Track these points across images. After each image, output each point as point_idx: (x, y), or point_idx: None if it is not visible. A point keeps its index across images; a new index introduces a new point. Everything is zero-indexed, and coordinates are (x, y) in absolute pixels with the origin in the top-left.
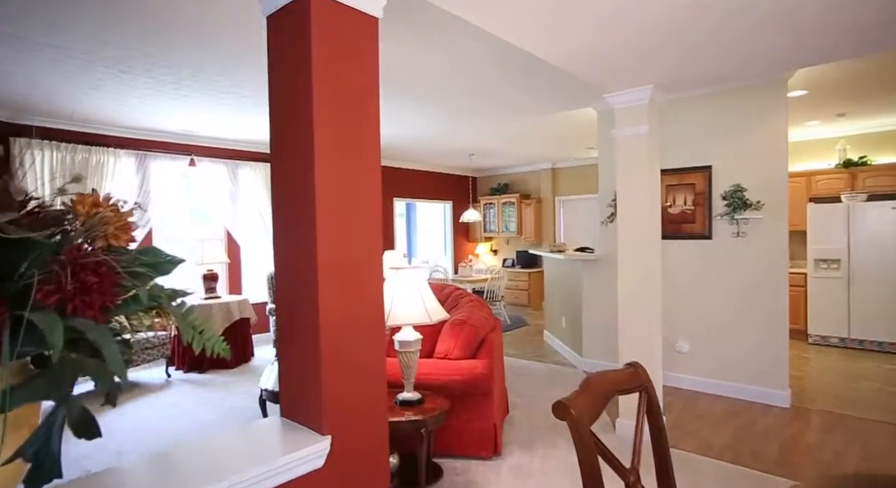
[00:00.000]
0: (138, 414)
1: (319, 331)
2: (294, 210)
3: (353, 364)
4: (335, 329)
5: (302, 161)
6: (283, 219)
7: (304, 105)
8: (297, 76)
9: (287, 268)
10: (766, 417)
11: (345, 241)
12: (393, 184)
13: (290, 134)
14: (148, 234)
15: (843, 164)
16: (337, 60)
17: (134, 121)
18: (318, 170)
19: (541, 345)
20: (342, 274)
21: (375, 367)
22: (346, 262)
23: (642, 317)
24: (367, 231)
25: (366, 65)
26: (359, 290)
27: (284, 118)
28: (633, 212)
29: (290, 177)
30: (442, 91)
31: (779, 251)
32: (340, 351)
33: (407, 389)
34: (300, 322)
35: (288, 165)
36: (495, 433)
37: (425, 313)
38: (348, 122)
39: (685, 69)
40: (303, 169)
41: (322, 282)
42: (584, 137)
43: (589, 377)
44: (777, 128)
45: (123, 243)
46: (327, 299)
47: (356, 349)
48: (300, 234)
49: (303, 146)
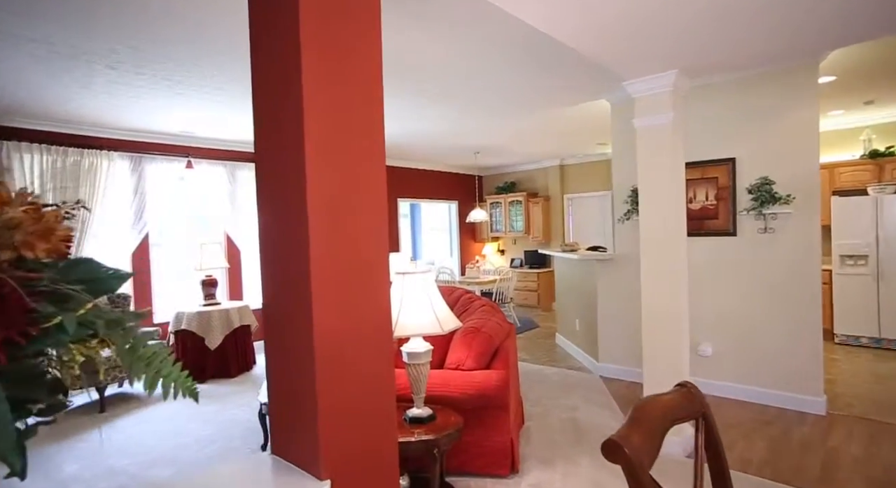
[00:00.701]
0: (131, 429)
1: (315, 352)
2: (282, 209)
3: (356, 391)
4: (333, 348)
5: (290, 154)
6: (270, 219)
7: (292, 87)
8: (284, 50)
9: (274, 277)
10: (802, 426)
11: (344, 243)
12: (397, 184)
13: (275, 122)
14: (144, 240)
15: (868, 155)
16: (331, 32)
17: (128, 121)
18: (310, 164)
19: (553, 349)
20: (341, 282)
21: (383, 394)
22: (347, 268)
23: (667, 321)
24: (369, 231)
25: (366, 37)
26: (362, 301)
27: (269, 104)
28: (657, 208)
29: (277, 172)
30: (448, 86)
31: (811, 247)
32: (340, 376)
33: (417, 404)
34: (291, 341)
35: (274, 160)
36: (512, 449)
37: (436, 322)
38: (345, 106)
39: (714, 49)
40: (292, 162)
41: (316, 292)
42: (595, 132)
43: (637, 406)
44: (807, 117)
45: (44, 254)
46: (323, 313)
47: (359, 373)
48: (289, 237)
49: (291, 136)
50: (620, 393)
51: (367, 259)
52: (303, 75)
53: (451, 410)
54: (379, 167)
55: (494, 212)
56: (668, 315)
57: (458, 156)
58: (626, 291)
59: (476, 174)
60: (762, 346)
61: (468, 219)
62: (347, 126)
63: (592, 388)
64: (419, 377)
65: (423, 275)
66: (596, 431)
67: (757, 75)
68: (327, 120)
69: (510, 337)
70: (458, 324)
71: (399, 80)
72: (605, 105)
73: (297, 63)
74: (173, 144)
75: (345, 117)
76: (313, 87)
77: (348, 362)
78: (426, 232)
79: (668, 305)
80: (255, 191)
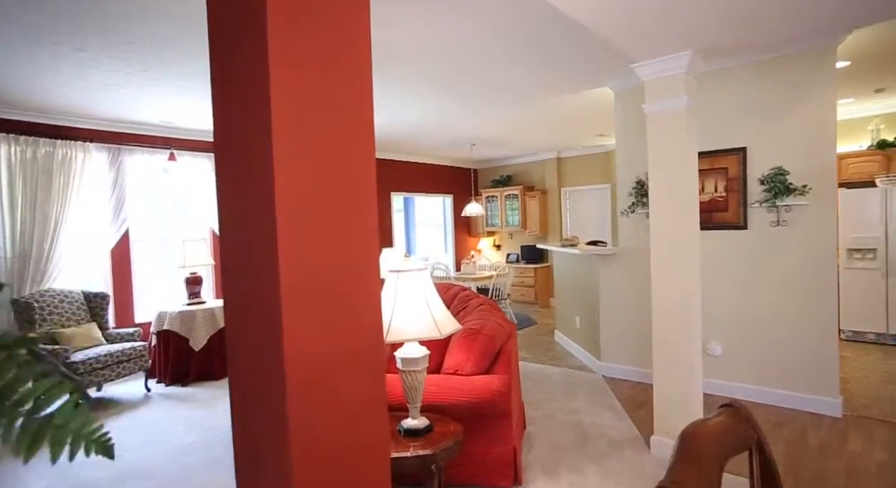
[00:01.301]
0: None
1: (286, 379)
2: (244, 207)
3: (340, 425)
4: (309, 374)
5: (255, 140)
6: (230, 220)
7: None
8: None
9: (236, 289)
10: (819, 430)
11: (323, 247)
12: (390, 177)
13: (237, 102)
14: (125, 236)
15: (876, 145)
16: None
17: (104, 111)
18: (279, 152)
19: (553, 347)
20: (320, 293)
21: (374, 427)
22: (327, 277)
23: (680, 319)
24: (355, 231)
25: (350, 8)
26: (347, 315)
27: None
28: (668, 199)
29: (239, 161)
30: (443, 73)
31: (826, 241)
32: (319, 407)
33: (412, 415)
34: (256, 365)
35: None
36: (515, 458)
37: (433, 325)
38: (324, 85)
39: (731, 24)
40: (257, 151)
41: (288, 305)
42: (594, 123)
43: (685, 436)
44: (824, 103)
45: None
46: (296, 331)
47: (344, 403)
48: (254, 241)
49: (255, 118)
50: (625, 394)
51: (353, 265)
52: (269, 41)
53: (450, 419)
54: (367, 157)
55: (490, 206)
56: (681, 312)
57: (453, 148)
58: (631, 288)
59: (471, 167)
60: (774, 345)
61: (463, 214)
62: (327, 109)
63: (595, 389)
64: (415, 385)
65: (418, 272)
66: (601, 436)
67: (770, 60)
68: (301, 99)
69: (511, 338)
70: (458, 327)
71: (391, 68)
72: (606, 94)
73: (263, 24)
74: (154, 135)
75: (323, 98)
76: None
77: (329, 390)
78: (420, 227)
79: (680, 302)
80: (215, 186)
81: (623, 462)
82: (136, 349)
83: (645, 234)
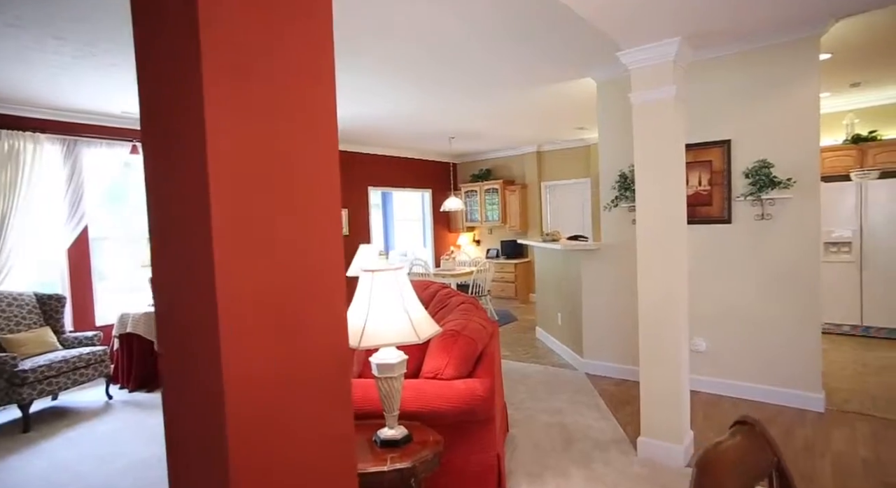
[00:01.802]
0: (60, 454)
1: (226, 411)
2: (174, 204)
3: (297, 462)
4: (256, 402)
5: (185, 122)
6: (160, 215)
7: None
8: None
9: (168, 302)
10: (804, 426)
11: (273, 250)
12: (367, 172)
13: (164, 80)
14: (83, 233)
15: (851, 140)
16: None
17: (56, 99)
18: (212, 140)
19: (534, 344)
20: (269, 305)
21: (340, 460)
22: (278, 285)
23: (667, 315)
24: (314, 231)
25: None
26: (303, 330)
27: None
28: (655, 192)
29: (168, 149)
30: (419, 61)
31: (811, 234)
32: (269, 444)
33: (389, 424)
34: (192, 392)
35: (163, 135)
36: (499, 465)
37: (411, 329)
38: (268, 50)
39: (722, 10)
40: (188, 132)
41: (227, 319)
42: (574, 116)
43: (702, 466)
44: (808, 95)
45: None
46: (239, 351)
47: (301, 437)
48: (186, 242)
49: (185, 96)
50: (609, 392)
51: (312, 270)
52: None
53: (430, 428)
54: (328, 145)
55: (469, 200)
56: (668, 308)
57: (432, 141)
58: (614, 284)
59: (450, 161)
60: (758, 340)
61: (442, 209)
62: (276, 85)
63: (578, 388)
64: (391, 392)
65: (395, 272)
66: (586, 437)
67: (755, 51)
68: (241, 75)
69: (494, 337)
70: (437, 330)
71: (362, 57)
72: (586, 86)
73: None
74: (114, 126)
75: (272, 74)
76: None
77: (281, 421)
78: (399, 222)
79: (667, 298)
80: (144, 180)
81: (609, 464)
82: (96, 354)
83: (628, 229)
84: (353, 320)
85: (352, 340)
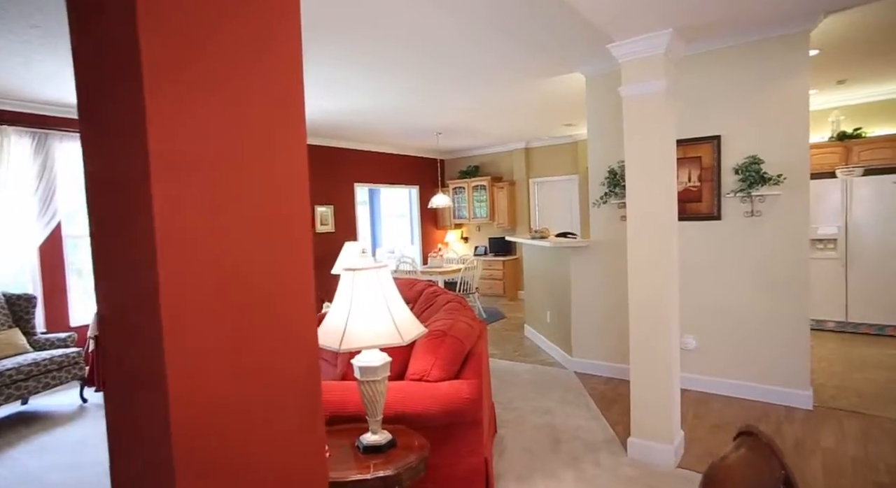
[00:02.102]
0: (27, 462)
1: (171, 441)
2: (113, 201)
3: None
4: (207, 430)
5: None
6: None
7: None
8: None
9: (109, 313)
10: (792, 424)
11: (227, 247)
12: (354, 168)
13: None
14: (56, 230)
15: (836, 137)
16: None
17: (24, 90)
18: (152, 122)
19: (522, 342)
20: (222, 312)
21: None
22: (234, 288)
23: (657, 312)
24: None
25: None
26: (266, 342)
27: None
28: (646, 188)
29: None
30: (404, 53)
31: (800, 231)
32: (224, 477)
33: (372, 429)
34: (135, 416)
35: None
36: (486, 469)
37: (394, 331)
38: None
39: (715, 5)
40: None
41: (172, 332)
42: (562, 112)
43: (709, 482)
44: (798, 91)
45: None
46: (186, 367)
47: (261, 469)
48: (125, 242)
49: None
50: (598, 390)
51: (276, 270)
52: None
53: (415, 432)
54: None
55: (457, 197)
56: (658, 306)
57: (419, 137)
58: (603, 281)
59: (438, 158)
60: (747, 338)
61: (430, 205)
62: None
63: (568, 387)
64: (375, 396)
65: (377, 271)
66: (575, 438)
67: (745, 46)
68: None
69: (482, 337)
70: (423, 331)
71: (346, 45)
72: (574, 82)
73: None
74: None
75: (222, 51)
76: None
77: (237, 452)
78: (386, 219)
79: (657, 295)
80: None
81: (599, 465)
82: (70, 356)
83: (617, 226)
84: (333, 321)
85: (333, 342)
